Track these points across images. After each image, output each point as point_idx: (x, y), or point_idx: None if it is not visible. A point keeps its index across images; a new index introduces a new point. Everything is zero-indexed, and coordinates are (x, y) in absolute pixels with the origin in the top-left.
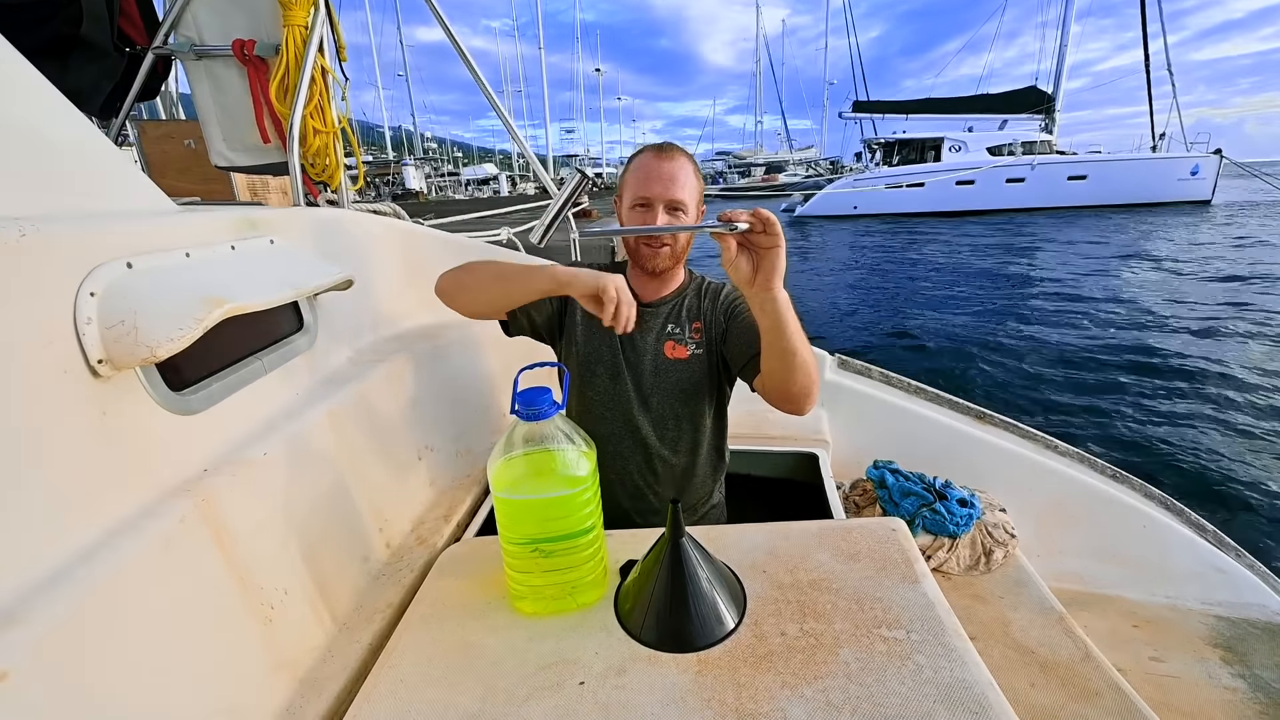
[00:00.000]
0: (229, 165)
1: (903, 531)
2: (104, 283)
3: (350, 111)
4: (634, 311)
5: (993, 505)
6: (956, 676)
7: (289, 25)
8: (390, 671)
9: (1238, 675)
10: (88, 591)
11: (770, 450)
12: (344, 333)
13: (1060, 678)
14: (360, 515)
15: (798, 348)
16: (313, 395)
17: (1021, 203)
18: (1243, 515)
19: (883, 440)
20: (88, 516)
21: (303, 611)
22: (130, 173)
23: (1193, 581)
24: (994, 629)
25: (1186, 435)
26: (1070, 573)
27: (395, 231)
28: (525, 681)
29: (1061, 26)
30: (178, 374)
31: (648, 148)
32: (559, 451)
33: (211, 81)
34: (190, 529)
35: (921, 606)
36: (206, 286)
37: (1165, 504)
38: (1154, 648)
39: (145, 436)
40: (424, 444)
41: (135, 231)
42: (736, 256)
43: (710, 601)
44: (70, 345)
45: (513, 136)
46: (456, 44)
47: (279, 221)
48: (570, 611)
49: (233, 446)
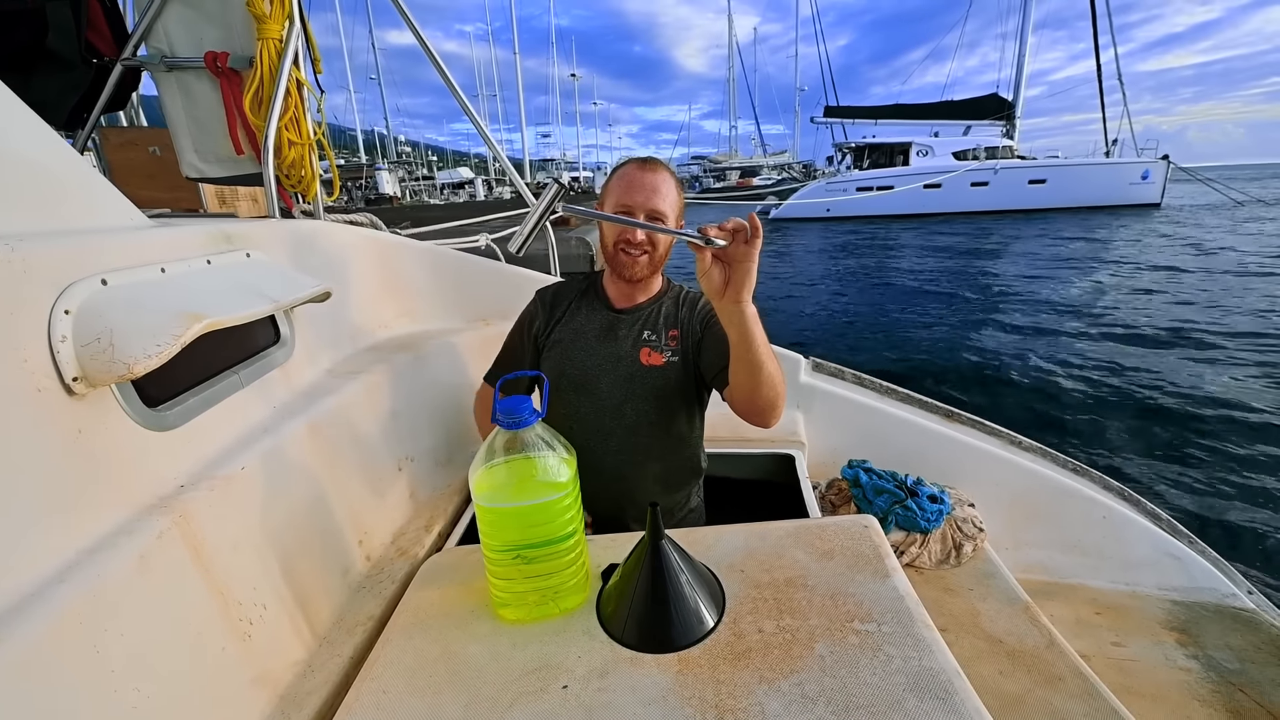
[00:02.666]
0: (200, 176)
1: (875, 528)
2: (78, 300)
3: (325, 119)
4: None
5: (962, 500)
6: (924, 665)
7: (263, 38)
8: (372, 684)
9: (1192, 656)
10: (64, 610)
11: (748, 453)
12: (322, 345)
13: (1026, 665)
14: (340, 528)
15: (764, 361)
16: (290, 408)
17: (986, 205)
18: (1194, 503)
19: (856, 440)
20: (64, 535)
21: (282, 627)
22: (101, 186)
23: (1150, 568)
24: (964, 620)
25: (1144, 430)
26: (1036, 564)
27: (372, 242)
28: (509, 688)
29: (1020, 37)
30: (153, 390)
31: (632, 160)
32: (539, 458)
33: (183, 93)
34: (168, 546)
35: (892, 600)
36: (183, 302)
37: (1123, 495)
38: (1115, 633)
39: (121, 454)
40: (404, 455)
41: (109, 247)
42: (710, 267)
43: (690, 602)
44: (45, 363)
45: (487, 143)
46: (427, 47)
47: (255, 234)
48: (553, 617)
49: (210, 462)
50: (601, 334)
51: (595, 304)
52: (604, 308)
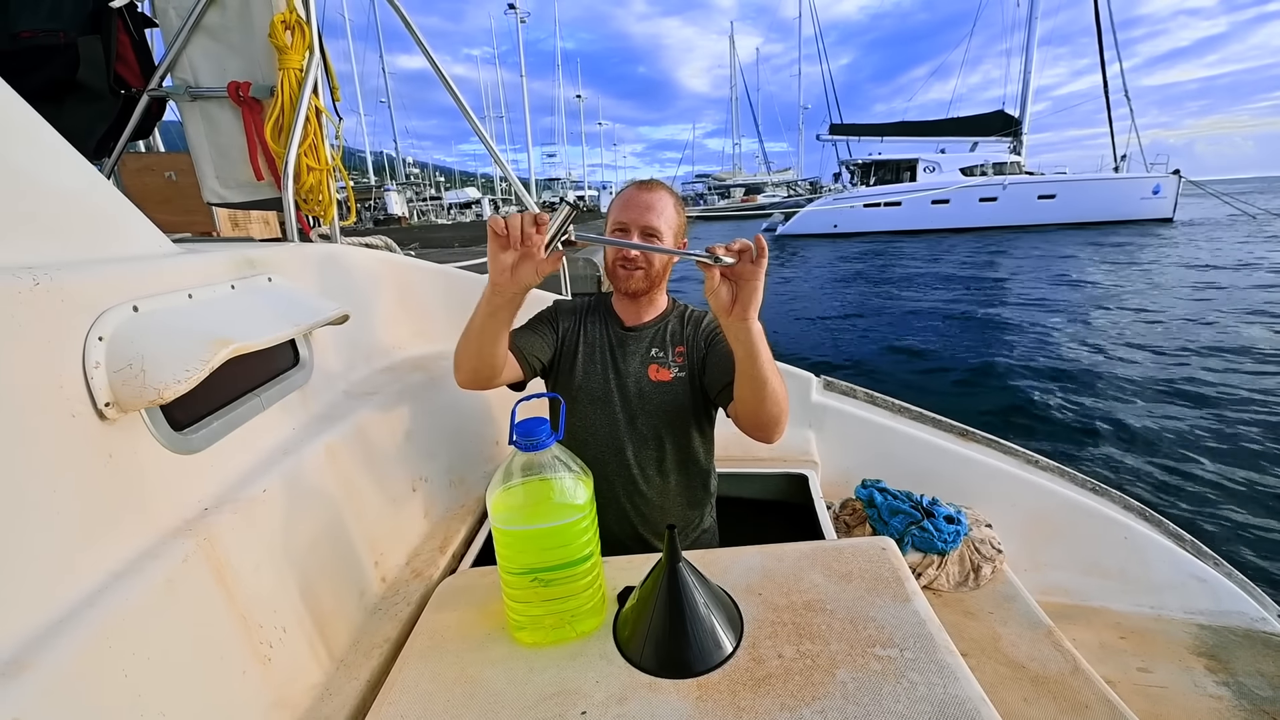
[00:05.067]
0: (221, 201)
1: (892, 550)
2: (111, 327)
3: (342, 145)
4: (528, 220)
5: (979, 521)
6: (950, 693)
7: (284, 68)
8: (390, 708)
9: (1222, 683)
10: (95, 634)
11: (760, 472)
12: (339, 367)
13: (1051, 692)
14: (356, 549)
15: (768, 377)
16: (309, 430)
17: (994, 221)
18: (1221, 525)
19: (870, 460)
20: (94, 559)
21: (301, 649)
22: (130, 214)
23: (1174, 591)
24: (985, 644)
25: (1165, 445)
26: (1056, 586)
27: (387, 264)
28: (527, 713)
29: (1026, 52)
30: (179, 413)
31: (634, 182)
32: (557, 479)
33: (206, 122)
34: (193, 569)
35: (914, 624)
36: (211, 327)
37: (1144, 515)
38: (1141, 658)
39: (149, 477)
40: (418, 475)
41: (139, 274)
42: (718, 286)
43: (708, 626)
44: (79, 389)
45: (496, 162)
46: (437, 69)
47: (275, 259)
48: (570, 640)
49: (233, 484)
50: (612, 349)
51: (606, 321)
52: (614, 325)
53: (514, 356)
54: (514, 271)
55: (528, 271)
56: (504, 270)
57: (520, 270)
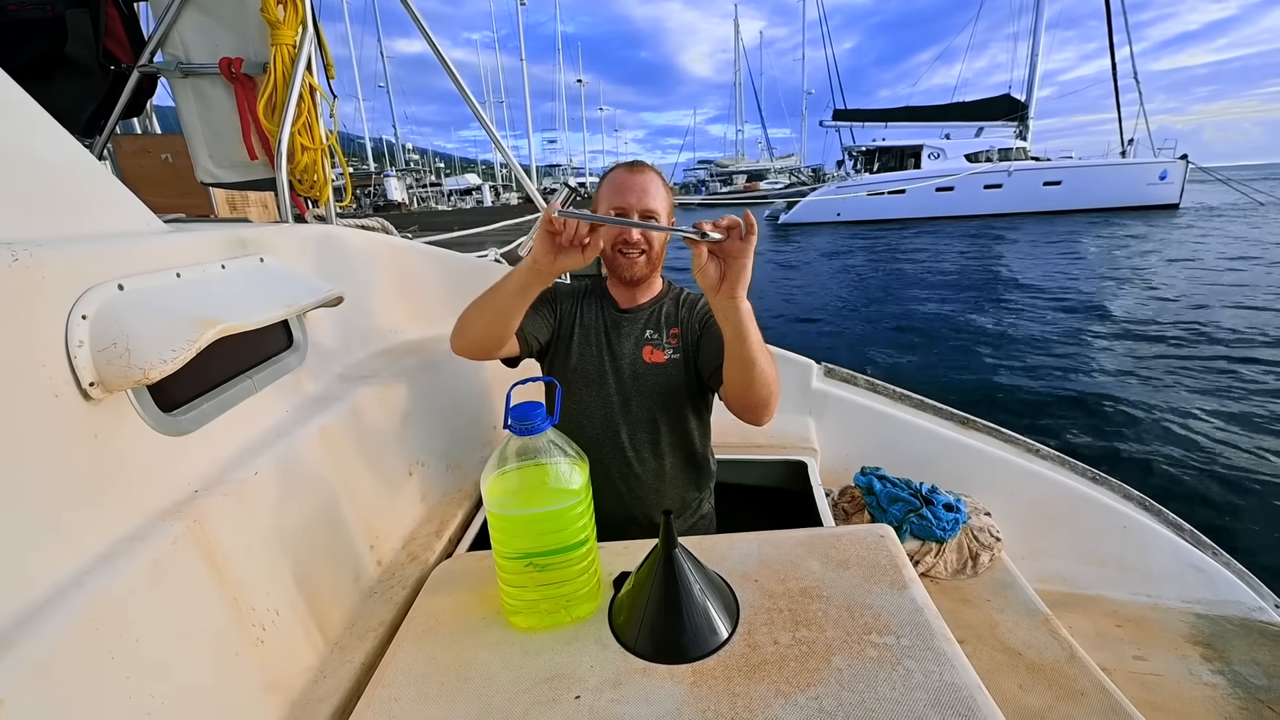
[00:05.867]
0: (215, 181)
1: (891, 538)
2: (95, 305)
3: (337, 125)
4: (584, 228)
5: (978, 509)
6: (946, 680)
7: (277, 44)
8: (384, 690)
9: (1217, 672)
10: (81, 616)
11: (759, 459)
12: (334, 349)
13: (1047, 679)
14: (351, 533)
15: (757, 358)
16: (303, 413)
17: (1000, 208)
18: (1218, 514)
19: (869, 447)
20: (80, 540)
21: (294, 632)
22: (117, 191)
23: (1172, 580)
24: (982, 632)
25: (1162, 433)
26: (1054, 574)
27: (384, 246)
28: (521, 697)
29: (1033, 36)
30: (168, 394)
31: (620, 165)
32: (552, 464)
33: (198, 99)
34: (182, 551)
35: (910, 612)
36: (198, 307)
37: (1143, 504)
38: (1137, 646)
39: (136, 458)
40: (415, 459)
41: (126, 252)
42: (706, 263)
43: (703, 612)
44: (62, 368)
45: (497, 147)
46: (439, 53)
47: (268, 239)
48: (565, 625)
49: (223, 467)
50: (607, 331)
51: (602, 303)
52: (610, 307)
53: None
54: (558, 257)
55: (573, 258)
56: (550, 253)
57: (565, 256)
